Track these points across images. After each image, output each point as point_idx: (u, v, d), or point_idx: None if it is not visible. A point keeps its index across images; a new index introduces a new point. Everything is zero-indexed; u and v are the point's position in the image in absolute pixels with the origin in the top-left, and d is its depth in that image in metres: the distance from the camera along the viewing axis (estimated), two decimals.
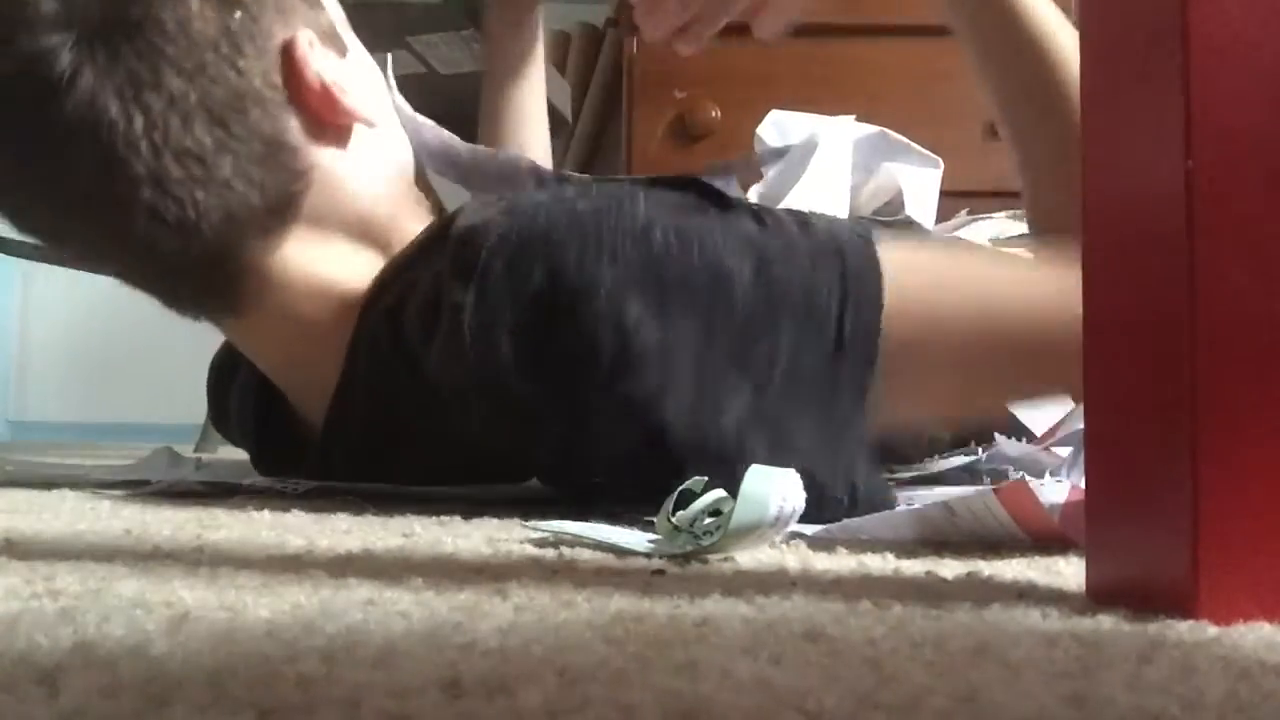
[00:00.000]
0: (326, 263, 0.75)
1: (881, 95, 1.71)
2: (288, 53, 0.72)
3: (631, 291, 0.61)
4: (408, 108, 0.87)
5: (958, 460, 0.70)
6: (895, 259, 0.64)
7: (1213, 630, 0.33)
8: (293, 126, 0.72)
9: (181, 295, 0.76)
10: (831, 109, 1.11)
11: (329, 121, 0.74)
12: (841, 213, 0.99)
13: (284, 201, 0.72)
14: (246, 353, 0.82)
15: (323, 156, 0.74)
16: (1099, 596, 0.38)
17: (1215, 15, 0.35)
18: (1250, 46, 0.35)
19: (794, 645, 0.31)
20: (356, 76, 0.77)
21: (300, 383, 0.79)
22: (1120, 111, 0.38)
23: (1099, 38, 0.39)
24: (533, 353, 0.63)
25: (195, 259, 0.71)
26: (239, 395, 0.88)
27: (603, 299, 0.61)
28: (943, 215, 1.04)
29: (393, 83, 0.85)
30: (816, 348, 0.62)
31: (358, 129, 0.76)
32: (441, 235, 0.70)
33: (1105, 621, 0.35)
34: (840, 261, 0.63)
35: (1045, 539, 0.51)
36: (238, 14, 0.70)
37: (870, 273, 0.63)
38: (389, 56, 0.86)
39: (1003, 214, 1.00)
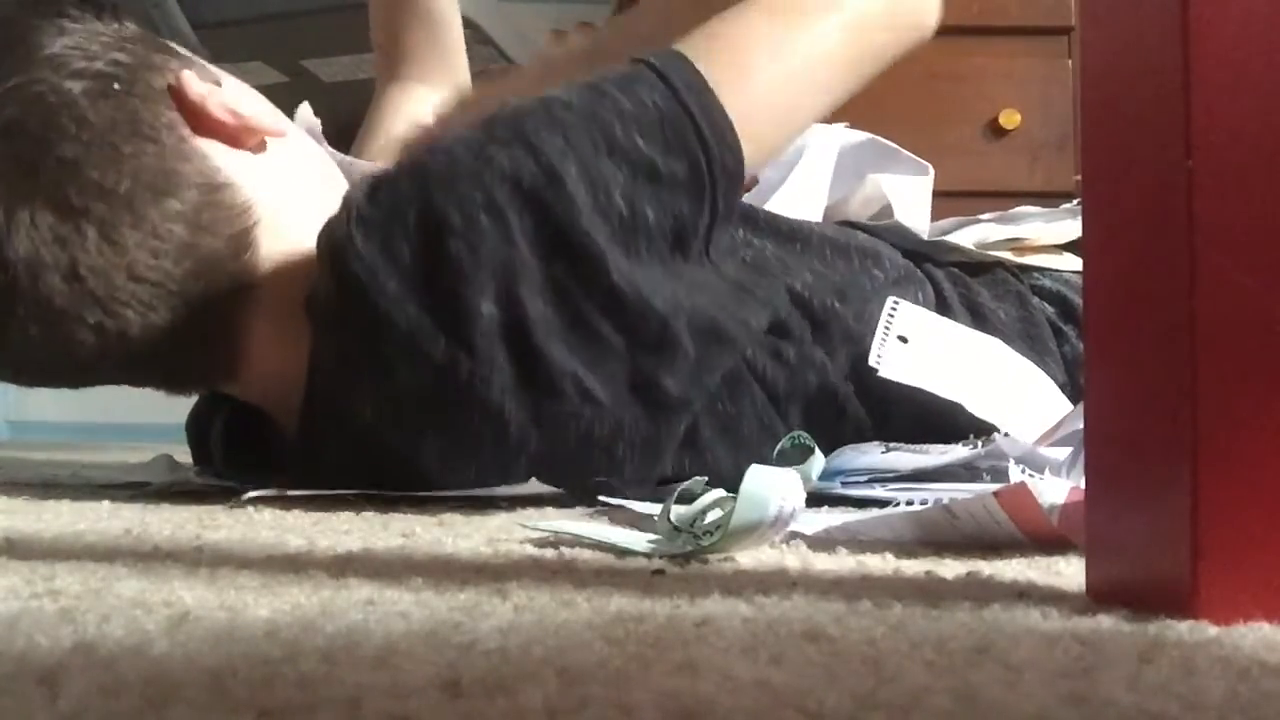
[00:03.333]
0: (298, 281, 0.74)
1: (881, 95, 1.70)
2: (181, 98, 0.74)
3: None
4: (339, 154, 0.90)
5: (957, 452, 0.70)
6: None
7: (1213, 630, 0.33)
8: (218, 166, 0.74)
9: (183, 374, 0.78)
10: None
11: (246, 146, 0.76)
12: (816, 217, 1.00)
13: (241, 240, 0.74)
14: (251, 399, 0.82)
15: (258, 188, 0.75)
16: (1099, 596, 0.38)
17: (1215, 15, 0.35)
18: (1250, 46, 0.35)
19: (794, 645, 0.31)
20: (243, 95, 0.78)
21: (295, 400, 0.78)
22: (1120, 112, 0.38)
23: (1099, 37, 0.39)
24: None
25: (187, 326, 0.73)
26: (222, 431, 0.88)
27: None
28: (942, 215, 1.03)
29: (321, 138, 0.89)
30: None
31: (273, 148, 0.78)
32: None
33: (1105, 621, 0.35)
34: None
35: (1045, 541, 0.51)
36: (115, 85, 0.72)
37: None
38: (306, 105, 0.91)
39: (988, 216, 1.00)
